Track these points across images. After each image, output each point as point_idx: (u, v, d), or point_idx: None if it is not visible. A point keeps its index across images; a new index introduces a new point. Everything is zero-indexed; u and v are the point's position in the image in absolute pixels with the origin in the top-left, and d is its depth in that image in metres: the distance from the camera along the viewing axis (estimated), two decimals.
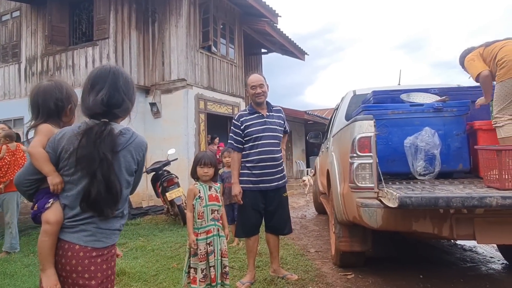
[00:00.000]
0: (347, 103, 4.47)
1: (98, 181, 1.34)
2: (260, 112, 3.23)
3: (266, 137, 3.16)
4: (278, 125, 3.27)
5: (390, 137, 3.12)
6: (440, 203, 2.17)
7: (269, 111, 3.28)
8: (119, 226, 1.48)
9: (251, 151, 3.15)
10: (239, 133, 3.19)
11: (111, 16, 8.25)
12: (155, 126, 8.78)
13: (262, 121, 3.20)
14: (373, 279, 3.25)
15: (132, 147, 1.47)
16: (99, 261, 1.38)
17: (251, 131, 3.16)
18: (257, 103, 3.24)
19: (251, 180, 3.15)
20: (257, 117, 3.21)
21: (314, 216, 6.93)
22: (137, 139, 1.50)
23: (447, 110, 3.13)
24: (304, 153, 18.68)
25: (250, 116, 3.23)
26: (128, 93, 1.53)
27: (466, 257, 4.01)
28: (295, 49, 13.27)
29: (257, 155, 3.13)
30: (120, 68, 1.56)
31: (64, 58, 8.90)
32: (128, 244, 4.86)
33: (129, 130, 1.50)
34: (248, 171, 3.16)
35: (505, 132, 2.86)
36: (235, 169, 3.21)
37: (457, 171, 3.16)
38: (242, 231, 3.24)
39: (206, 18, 9.36)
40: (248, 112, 3.27)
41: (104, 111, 1.44)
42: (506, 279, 3.28)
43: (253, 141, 3.15)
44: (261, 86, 3.22)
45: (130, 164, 1.46)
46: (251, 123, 3.18)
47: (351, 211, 2.87)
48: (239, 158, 3.21)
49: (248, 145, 3.17)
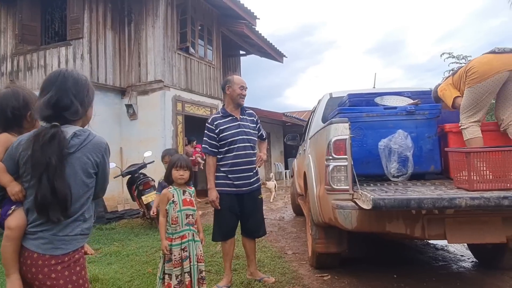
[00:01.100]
0: (324, 105, 4.52)
1: (43, 186, 1.33)
2: (233, 115, 3.20)
3: (240, 141, 3.13)
4: (251, 128, 3.26)
5: (365, 140, 3.17)
6: (412, 205, 2.21)
7: (242, 114, 3.26)
8: (81, 231, 1.44)
9: (226, 155, 3.12)
10: (214, 137, 3.15)
11: (85, 15, 8.05)
12: (131, 128, 8.62)
13: (236, 125, 3.17)
14: (349, 280, 3.28)
15: (87, 149, 1.44)
16: (59, 269, 1.36)
17: (226, 135, 3.12)
18: (238, 105, 3.22)
19: (227, 183, 3.12)
20: (231, 120, 3.18)
21: (292, 218, 6.96)
22: (94, 140, 1.47)
23: (419, 113, 3.20)
24: (282, 155, 18.77)
25: (224, 119, 3.18)
26: (79, 96, 1.49)
27: (438, 256, 4.11)
28: (273, 51, 13.34)
29: (232, 159, 3.10)
30: (74, 71, 1.54)
31: (35, 58, 8.62)
32: (102, 250, 4.74)
33: (84, 131, 1.47)
34: (224, 175, 3.13)
35: (470, 133, 2.99)
36: (211, 173, 3.16)
37: (429, 173, 3.24)
38: (219, 234, 3.19)
39: (183, 19, 9.28)
40: (221, 115, 3.22)
41: (51, 114, 1.42)
42: (475, 277, 3.38)
43: (228, 145, 3.12)
44: (246, 88, 3.25)
45: (87, 166, 1.43)
46: (226, 127, 3.14)
47: (327, 213, 2.89)
48: (214, 163, 3.17)
49: (224, 149, 3.13)
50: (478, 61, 3.07)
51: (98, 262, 4.17)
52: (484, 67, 2.98)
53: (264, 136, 3.52)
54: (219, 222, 3.18)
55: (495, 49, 3.04)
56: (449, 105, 3.31)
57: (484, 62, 3.01)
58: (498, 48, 3.03)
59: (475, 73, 3.01)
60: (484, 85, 2.97)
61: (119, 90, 8.76)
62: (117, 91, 8.74)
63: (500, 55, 2.98)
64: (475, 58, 3.16)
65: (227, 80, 3.28)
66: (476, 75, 3.00)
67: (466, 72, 3.10)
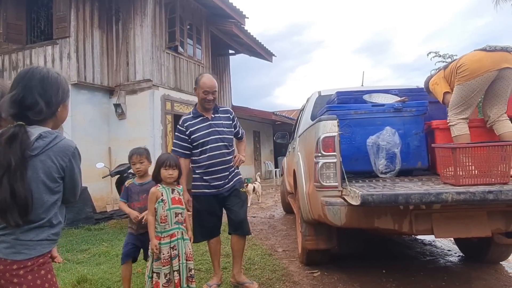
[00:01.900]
0: (313, 103, 4.55)
1: (3, 188, 1.27)
2: (204, 115, 3.07)
3: (212, 141, 3.01)
4: (226, 126, 3.12)
5: (353, 137, 3.19)
6: (400, 200, 2.24)
7: (214, 113, 3.11)
8: (47, 236, 1.37)
9: (200, 157, 3.01)
10: (185, 139, 3.04)
11: (72, 14, 7.95)
12: (119, 128, 8.54)
13: (207, 125, 3.04)
14: (338, 276, 3.31)
15: (52, 152, 1.36)
16: (22, 273, 1.30)
17: (197, 136, 3.01)
18: (206, 109, 3.08)
19: (204, 185, 3.02)
20: (202, 121, 3.05)
21: (282, 216, 6.99)
22: (60, 143, 1.39)
23: (406, 110, 3.24)
24: (272, 154, 18.83)
25: (195, 120, 3.06)
26: (46, 95, 1.40)
27: (426, 251, 4.18)
28: (263, 50, 13.35)
29: (206, 161, 2.99)
30: (43, 68, 1.46)
31: (21, 57, 8.47)
32: (90, 250, 4.69)
33: (51, 133, 1.39)
34: (199, 177, 3.04)
35: (458, 130, 3.02)
36: (183, 176, 2.92)
37: (417, 169, 3.28)
38: (201, 235, 3.04)
39: (172, 18, 9.22)
40: (192, 116, 3.10)
41: (16, 112, 1.36)
42: (462, 270, 3.45)
43: (201, 146, 3.01)
44: (214, 92, 3.05)
45: (51, 170, 1.36)
46: (196, 128, 3.02)
47: (316, 210, 2.91)
48: (187, 165, 3.06)
49: (197, 151, 3.03)
50: (469, 58, 3.07)
51: (86, 262, 4.13)
52: (475, 65, 2.99)
53: (242, 135, 3.36)
54: (199, 224, 3.05)
55: (486, 47, 3.04)
56: (440, 100, 3.32)
57: (474, 60, 3.02)
58: (489, 46, 3.03)
59: (465, 70, 3.02)
60: (474, 83, 2.99)
61: (107, 90, 8.67)
62: (105, 91, 8.65)
63: (491, 53, 2.98)
64: (466, 55, 3.14)
65: (196, 80, 3.15)
66: (466, 72, 3.01)
67: (457, 68, 3.11)
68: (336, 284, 3.13)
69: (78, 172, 1.48)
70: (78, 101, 7.92)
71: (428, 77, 3.57)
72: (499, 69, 2.94)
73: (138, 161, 2.95)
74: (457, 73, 3.11)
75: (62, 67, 7.95)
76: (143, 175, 2.96)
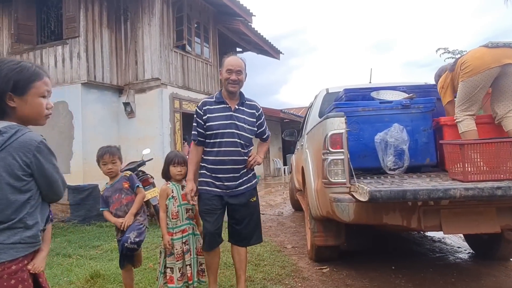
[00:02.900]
0: (320, 101, 4.56)
1: None
2: (227, 103, 2.68)
3: (228, 135, 2.62)
4: (248, 123, 2.71)
5: (361, 134, 3.21)
6: (408, 196, 2.25)
7: (240, 105, 2.72)
8: (21, 239, 1.28)
9: (212, 150, 2.65)
10: (201, 124, 2.67)
11: (81, 14, 8.04)
12: (129, 126, 8.64)
13: (228, 115, 2.64)
14: (347, 272, 3.34)
15: (13, 148, 1.26)
16: None
17: (212, 125, 2.63)
18: (229, 92, 2.67)
19: (208, 182, 2.65)
20: (223, 109, 2.66)
21: (291, 213, 7.02)
22: (21, 138, 1.28)
23: (414, 107, 3.25)
24: (280, 151, 18.84)
25: (216, 106, 2.68)
26: None
27: (435, 247, 4.17)
28: (270, 48, 13.35)
29: (216, 156, 2.62)
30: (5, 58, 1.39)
31: (32, 57, 8.60)
32: (102, 246, 4.77)
33: (12, 128, 1.29)
34: (206, 172, 2.67)
35: (465, 126, 3.05)
36: (192, 163, 2.71)
37: (425, 165, 3.29)
38: (209, 241, 2.64)
39: (180, 17, 9.28)
40: (214, 100, 2.71)
41: None
42: (472, 267, 3.44)
43: (214, 137, 2.63)
44: (239, 72, 2.64)
45: (13, 168, 1.26)
46: (214, 115, 2.64)
47: (325, 206, 2.94)
48: (198, 152, 2.71)
49: (210, 142, 2.65)
50: (471, 55, 3.12)
51: (99, 258, 4.21)
52: (476, 61, 3.03)
53: (267, 136, 2.96)
54: (205, 228, 2.65)
55: (488, 43, 3.07)
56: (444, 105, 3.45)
57: (476, 56, 3.06)
58: (491, 42, 3.06)
59: (468, 67, 3.06)
60: (476, 79, 3.02)
61: (117, 89, 8.77)
62: (115, 90, 8.74)
63: (493, 49, 3.01)
64: (469, 52, 3.20)
65: (221, 62, 2.79)
66: (469, 69, 3.05)
67: (461, 65, 3.16)
68: (345, 280, 3.16)
69: (51, 167, 1.36)
70: (88, 100, 8.03)
71: (439, 70, 3.60)
72: (502, 65, 2.96)
73: (110, 161, 2.67)
74: (461, 70, 3.15)
75: (72, 67, 8.07)
76: (114, 176, 2.74)
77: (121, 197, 2.68)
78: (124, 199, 2.68)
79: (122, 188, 2.69)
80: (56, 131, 7.93)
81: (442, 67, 3.68)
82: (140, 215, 2.71)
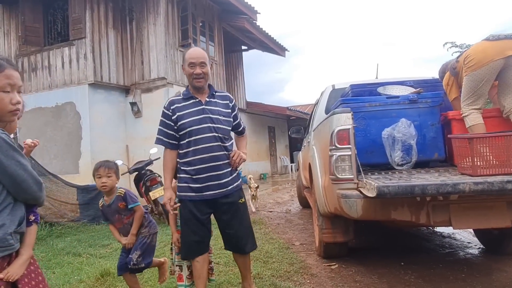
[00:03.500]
0: (327, 97, 4.54)
1: None
2: (196, 98, 2.46)
3: (204, 130, 2.38)
4: (223, 114, 2.48)
5: (368, 129, 3.19)
6: (416, 191, 2.24)
7: (210, 97, 2.50)
8: None
9: (188, 150, 2.39)
10: (170, 125, 2.43)
11: (87, 15, 8.10)
12: (136, 126, 8.70)
13: (199, 110, 2.42)
14: (356, 269, 3.32)
15: None
16: None
17: (184, 123, 2.38)
18: (195, 88, 2.46)
19: (191, 188, 2.39)
20: (193, 104, 2.44)
21: (298, 210, 7.01)
22: None
23: (422, 102, 3.22)
24: (287, 149, 18.83)
25: (184, 103, 2.45)
26: None
27: (445, 243, 4.14)
28: (275, 45, 13.34)
29: (194, 155, 2.37)
30: None
31: (39, 58, 8.70)
32: (112, 245, 4.81)
33: None
34: (187, 176, 2.40)
35: (471, 120, 3.03)
36: (167, 170, 2.47)
37: (433, 160, 3.26)
38: (186, 250, 2.47)
39: (184, 16, 9.30)
40: (182, 97, 2.49)
41: None
42: (482, 262, 3.41)
43: (188, 136, 2.38)
44: (203, 64, 2.42)
45: None
46: (184, 113, 2.40)
47: (332, 203, 2.93)
48: (173, 157, 2.46)
49: (184, 142, 2.40)
50: (474, 48, 3.12)
51: (109, 257, 4.25)
52: (479, 55, 3.03)
53: (243, 129, 2.72)
54: (185, 236, 2.45)
55: (489, 37, 3.08)
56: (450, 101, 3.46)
57: (479, 50, 3.06)
58: (492, 35, 3.07)
59: (471, 61, 3.06)
60: (480, 73, 3.02)
61: (123, 89, 8.83)
62: (121, 90, 8.81)
63: (495, 42, 3.01)
64: (472, 46, 3.21)
65: (183, 57, 2.55)
66: (472, 63, 3.05)
67: (464, 60, 3.16)
68: (354, 277, 3.14)
69: (13, 164, 1.26)
70: (95, 100, 8.10)
71: (443, 66, 3.59)
72: (505, 57, 2.94)
73: (105, 175, 2.53)
74: (464, 64, 3.15)
75: (79, 68, 8.14)
76: (109, 191, 2.58)
77: (122, 218, 2.63)
78: (125, 218, 2.63)
79: (119, 209, 2.60)
80: (65, 132, 8.01)
81: (445, 63, 3.67)
82: (144, 226, 2.66)
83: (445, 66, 3.61)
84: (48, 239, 5.42)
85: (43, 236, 5.52)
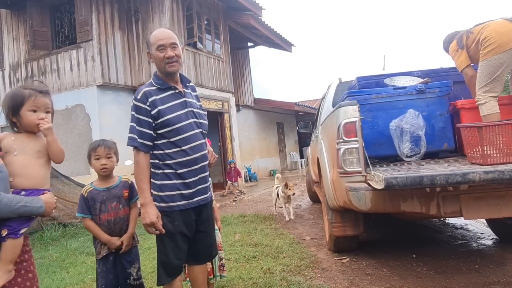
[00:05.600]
0: (333, 90, 4.52)
1: None
2: (176, 88, 2.07)
3: (192, 127, 2.05)
4: (199, 107, 2.19)
5: (376, 121, 3.16)
6: (425, 182, 2.22)
7: (185, 87, 2.15)
8: None
9: (174, 151, 2.00)
10: (147, 122, 1.97)
11: (93, 17, 8.16)
12: None
13: (182, 102, 2.06)
14: (367, 262, 3.31)
15: None
16: None
17: (170, 119, 1.98)
18: (168, 74, 2.04)
19: (183, 195, 2.01)
20: (173, 96, 2.04)
21: (308, 206, 7.00)
22: None
23: (429, 92, 3.18)
24: (297, 144, 18.77)
25: (162, 94, 2.02)
26: None
27: (458, 234, 4.09)
28: (281, 41, 13.27)
29: (185, 156, 2.00)
30: None
31: (48, 62, 8.80)
32: None
33: None
34: (178, 181, 2.01)
35: (488, 109, 2.89)
36: (145, 180, 1.98)
37: (443, 151, 3.22)
38: (169, 272, 2.05)
39: (189, 15, 9.32)
40: (157, 87, 2.03)
41: None
42: (496, 253, 3.36)
43: (175, 134, 1.99)
44: (174, 45, 2.02)
45: None
46: (167, 107, 1.99)
47: (341, 196, 2.92)
48: (148, 163, 2.00)
49: (166, 141, 2.00)
50: (496, 30, 2.88)
51: None
52: (503, 38, 2.82)
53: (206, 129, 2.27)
54: (168, 256, 2.04)
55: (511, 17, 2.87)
56: (459, 70, 3.20)
57: (502, 32, 2.84)
58: None
59: (492, 44, 2.85)
60: (501, 57, 2.83)
61: (131, 89, 8.88)
62: (129, 90, 8.86)
63: None
64: (491, 26, 2.94)
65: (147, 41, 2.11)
66: (493, 46, 2.85)
67: (481, 42, 2.93)
68: (365, 270, 3.13)
69: None
70: (104, 101, 8.17)
71: (449, 36, 3.37)
72: None
73: (104, 156, 2.18)
74: (481, 47, 2.93)
75: (87, 70, 8.21)
76: (108, 175, 2.23)
77: (119, 207, 2.19)
78: (122, 210, 2.21)
79: (122, 197, 2.21)
80: (75, 134, 8.11)
81: (452, 33, 3.38)
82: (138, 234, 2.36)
83: (451, 36, 3.35)
84: (62, 239, 5.51)
85: (57, 237, 5.61)
